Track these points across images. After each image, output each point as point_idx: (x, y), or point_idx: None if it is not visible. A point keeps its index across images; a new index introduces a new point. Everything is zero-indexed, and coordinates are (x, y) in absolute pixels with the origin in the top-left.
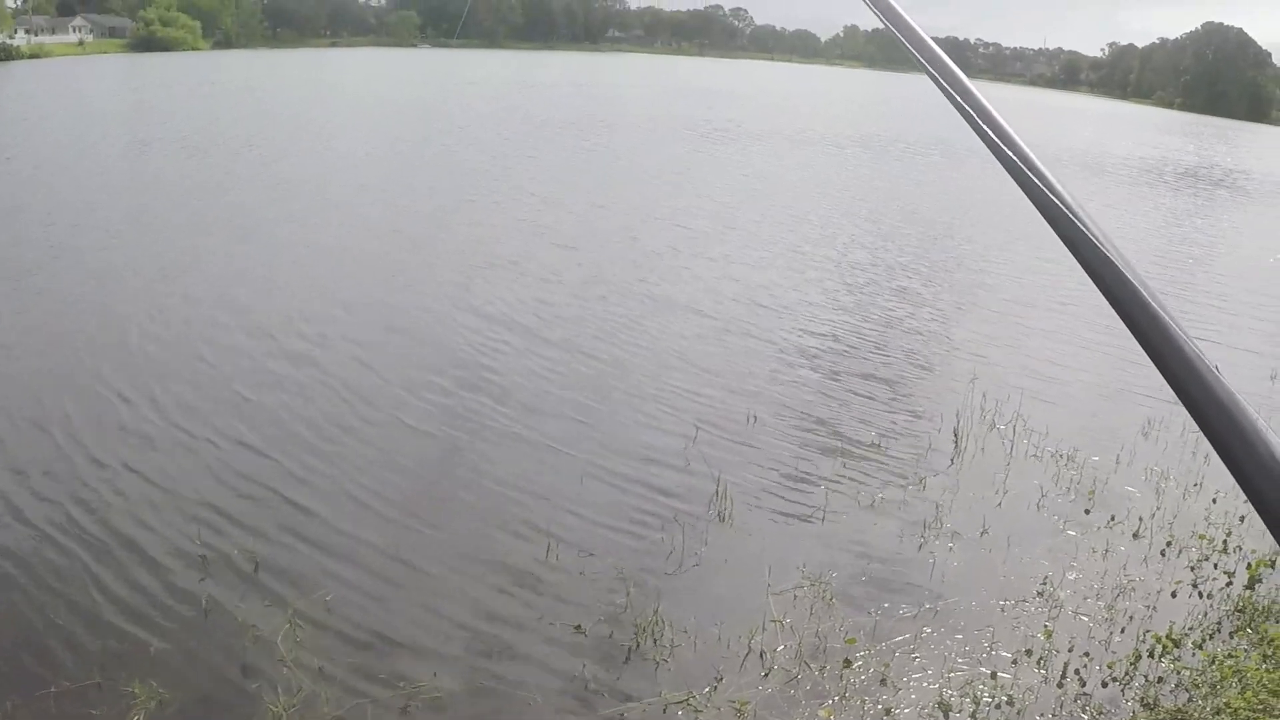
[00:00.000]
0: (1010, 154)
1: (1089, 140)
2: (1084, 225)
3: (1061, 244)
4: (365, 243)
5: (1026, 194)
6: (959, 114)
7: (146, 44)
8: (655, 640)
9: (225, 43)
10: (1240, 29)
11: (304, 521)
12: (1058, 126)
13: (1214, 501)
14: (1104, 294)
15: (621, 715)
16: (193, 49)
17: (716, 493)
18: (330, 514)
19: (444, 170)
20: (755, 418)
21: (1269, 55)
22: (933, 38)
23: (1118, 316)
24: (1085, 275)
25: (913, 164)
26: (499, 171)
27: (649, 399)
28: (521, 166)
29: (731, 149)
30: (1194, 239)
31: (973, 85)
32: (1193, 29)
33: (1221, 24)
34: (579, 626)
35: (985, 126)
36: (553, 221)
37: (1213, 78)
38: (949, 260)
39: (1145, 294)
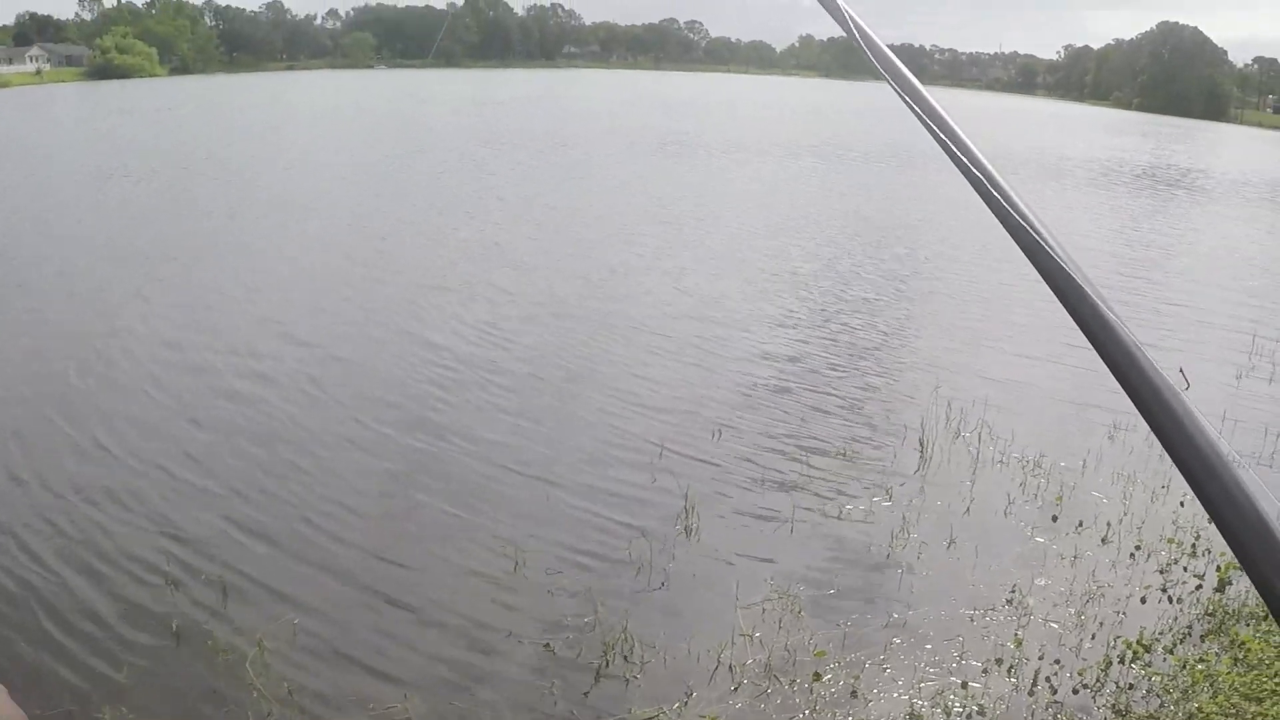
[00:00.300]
0: (967, 161)
1: (1047, 143)
2: (1038, 232)
3: (1020, 251)
4: (323, 262)
5: (983, 199)
6: (918, 121)
7: (103, 71)
8: (624, 657)
9: (182, 69)
10: (1196, 28)
11: (270, 547)
12: (1015, 129)
13: (1182, 505)
14: (1059, 299)
15: None
16: (150, 75)
17: (684, 508)
18: (296, 540)
19: (397, 192)
20: (720, 432)
21: (1225, 53)
22: (889, 44)
23: (1072, 319)
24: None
25: (869, 171)
26: (452, 190)
27: (613, 416)
28: (475, 184)
29: (686, 163)
30: (1152, 241)
31: (928, 93)
32: (1149, 29)
33: (1177, 23)
34: (548, 645)
35: (943, 134)
36: (508, 239)
37: (1170, 77)
38: (907, 269)
39: (1098, 301)
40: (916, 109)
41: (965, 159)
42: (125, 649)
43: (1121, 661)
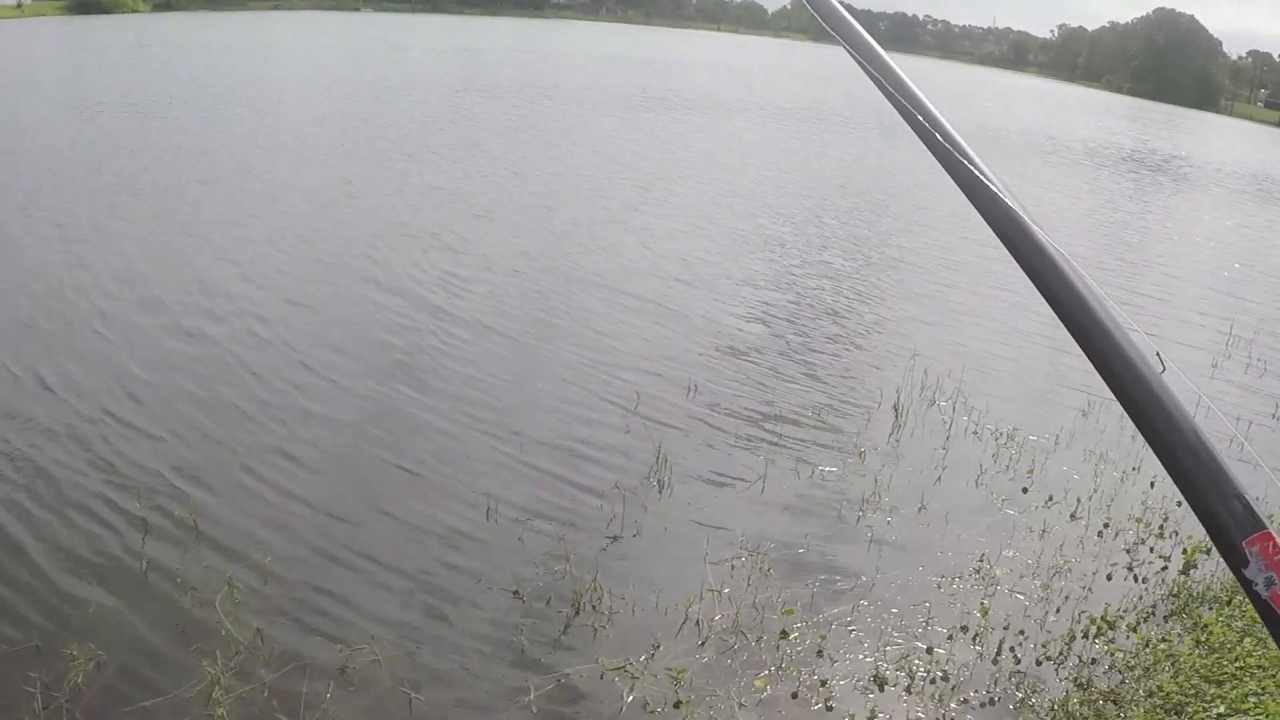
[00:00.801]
0: (922, 120)
1: (1037, 122)
2: (998, 192)
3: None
4: (286, 203)
5: (939, 160)
6: (875, 86)
7: (86, 6)
8: (594, 607)
9: (165, 5)
10: (1192, 16)
11: (243, 485)
12: (1004, 107)
13: (1152, 486)
14: (1020, 264)
15: (558, 680)
16: (133, 11)
17: (656, 462)
18: (268, 478)
19: (369, 135)
20: (695, 389)
21: (1220, 44)
22: (882, 12)
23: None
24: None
25: (849, 136)
26: (424, 137)
27: (587, 369)
28: (450, 132)
29: (665, 118)
30: (1134, 224)
31: (890, 58)
32: (1144, 14)
33: (1173, 10)
34: (517, 592)
35: (901, 98)
36: (476, 188)
37: (1162, 64)
38: (882, 235)
39: (1062, 263)
40: (875, 73)
41: (917, 114)
42: (93, 587)
43: (1085, 636)
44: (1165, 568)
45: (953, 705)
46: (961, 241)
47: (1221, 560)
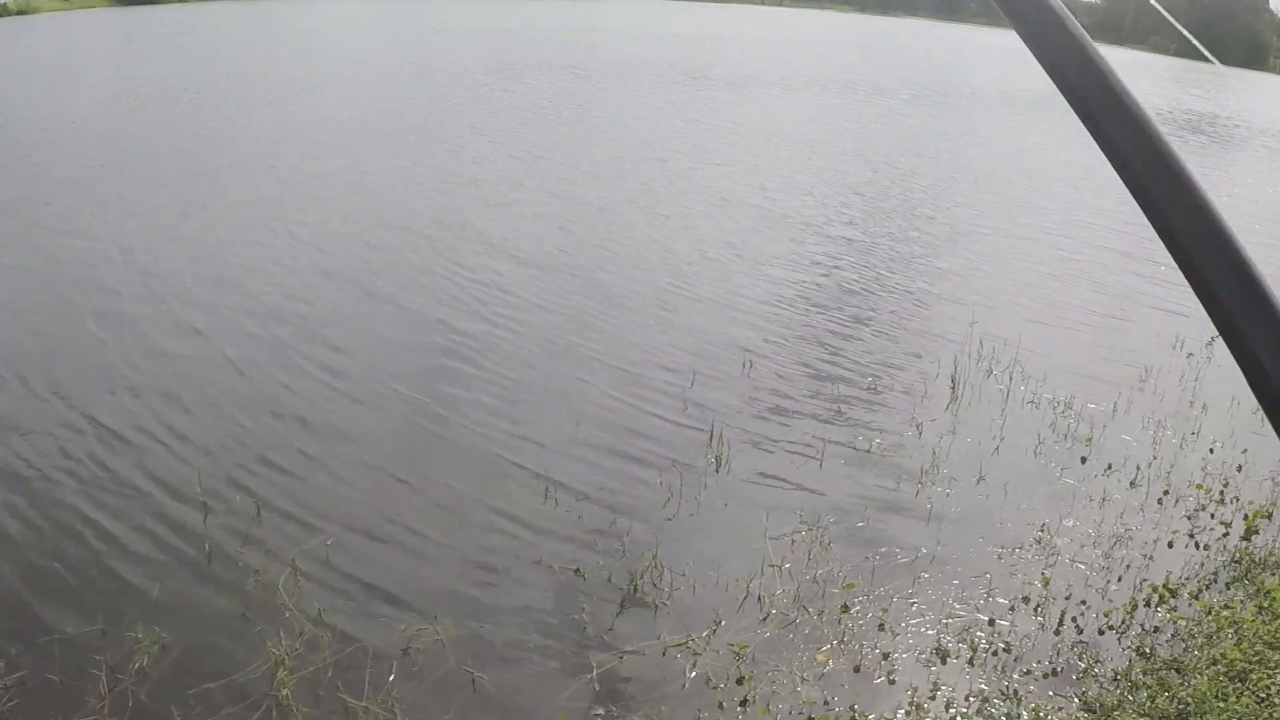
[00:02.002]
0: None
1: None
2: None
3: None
4: (345, 193)
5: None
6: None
7: None
8: (654, 584)
9: None
10: None
11: (304, 469)
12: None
13: (1211, 452)
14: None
15: (620, 658)
16: (181, 2)
17: (713, 437)
18: (329, 461)
19: (399, 121)
20: (750, 363)
21: (1265, 1)
22: None
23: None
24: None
25: (907, 105)
26: (463, 118)
27: (641, 347)
28: (490, 111)
29: (727, 94)
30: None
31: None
32: None
33: None
34: (577, 570)
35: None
36: (525, 169)
37: (1209, 23)
38: (946, 203)
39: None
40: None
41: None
42: (157, 568)
43: (1147, 605)
44: (1226, 534)
45: (1015, 676)
46: (1018, 210)
47: None
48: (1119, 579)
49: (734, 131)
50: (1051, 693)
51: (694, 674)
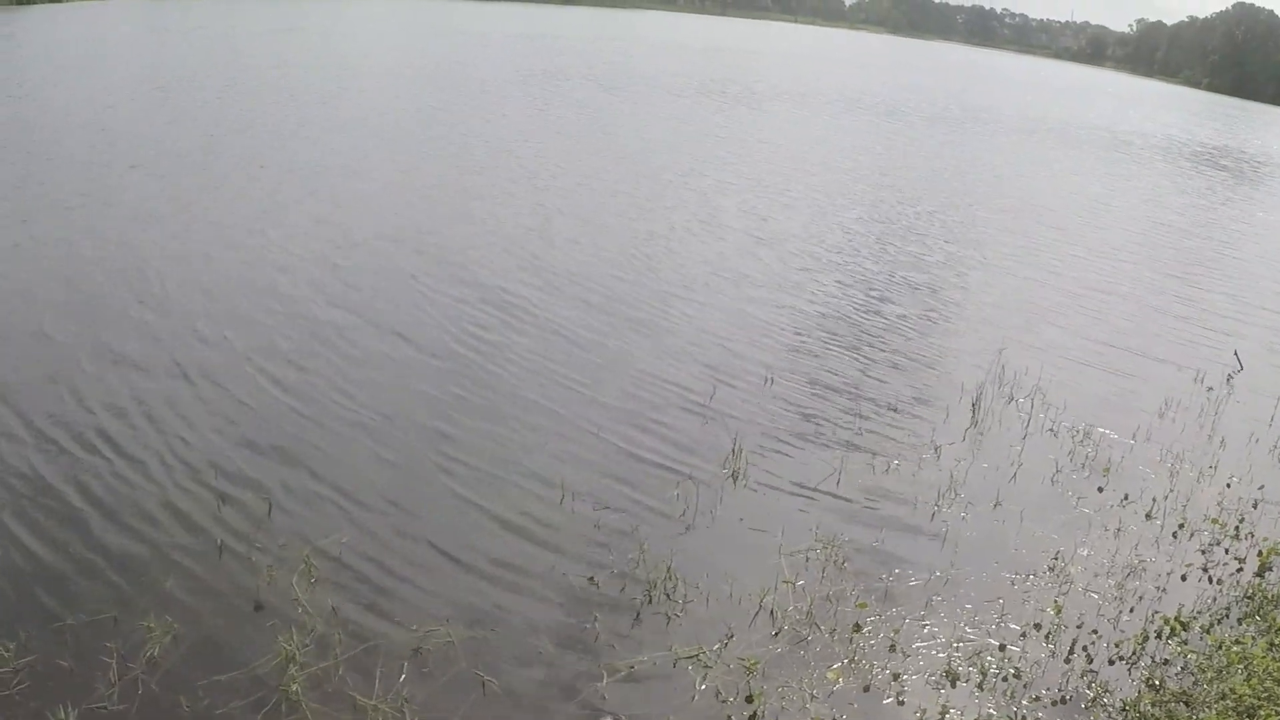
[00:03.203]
0: None
1: (1154, 123)
2: None
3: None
4: (377, 195)
5: None
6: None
7: None
8: (667, 595)
9: None
10: (1272, 11)
11: (319, 466)
12: (1096, 105)
13: (1228, 486)
14: None
15: (631, 667)
16: None
17: (732, 451)
18: (345, 460)
19: (426, 126)
20: (772, 379)
21: None
22: (960, 5)
23: None
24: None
25: (925, 131)
26: (492, 130)
27: (664, 358)
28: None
29: (745, 111)
30: (1210, 221)
31: None
32: (1223, 8)
33: (1253, 4)
34: (592, 579)
35: None
36: (550, 185)
37: (1241, 59)
38: (973, 228)
39: None
40: None
41: None
42: (171, 560)
43: (1159, 637)
44: (1240, 569)
45: (1024, 703)
46: (1047, 241)
47: None
48: (1131, 610)
49: (769, 151)
50: None
51: (704, 687)
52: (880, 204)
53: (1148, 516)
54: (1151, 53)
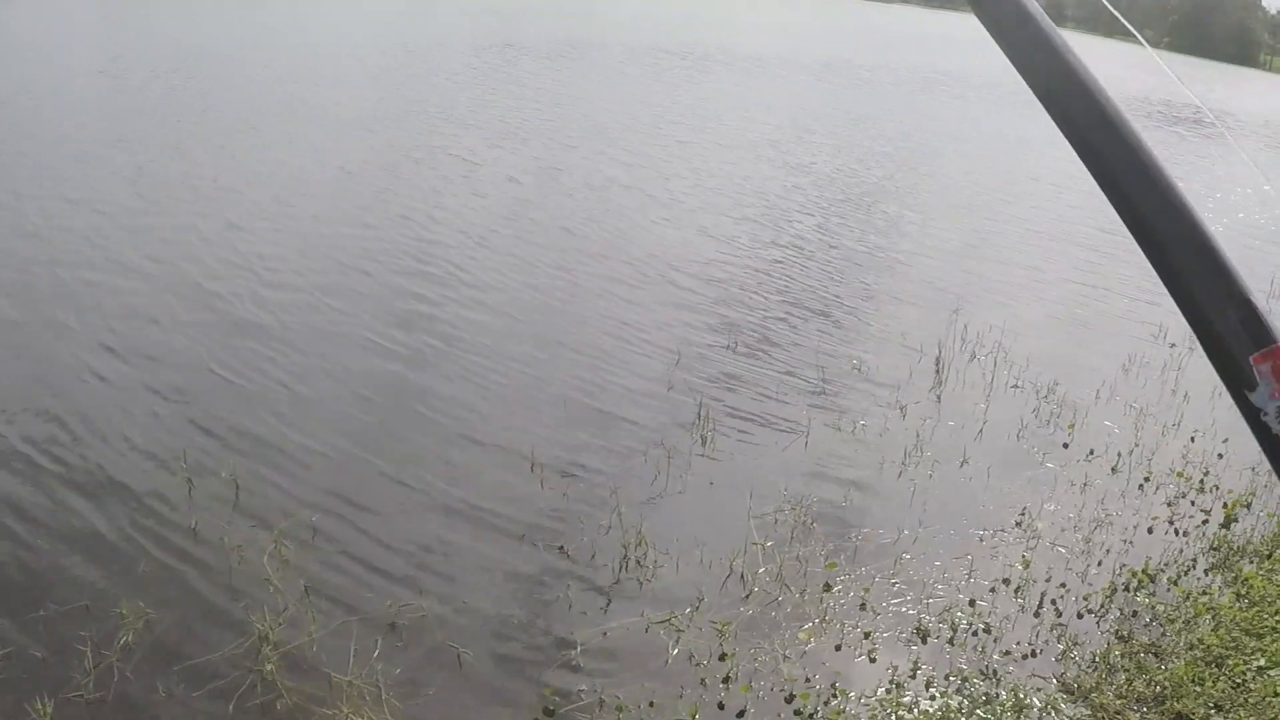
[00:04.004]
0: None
1: (1114, 83)
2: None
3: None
4: (334, 167)
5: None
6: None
7: None
8: (639, 562)
9: None
10: None
11: (286, 446)
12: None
13: (1192, 440)
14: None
15: (605, 634)
16: None
17: (699, 417)
18: (314, 437)
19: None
20: (736, 343)
21: None
22: None
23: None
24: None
25: (894, 94)
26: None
27: (627, 326)
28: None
29: (721, 76)
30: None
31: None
32: None
33: None
34: (563, 548)
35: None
36: (504, 156)
37: (1201, 18)
38: (933, 189)
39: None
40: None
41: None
42: (141, 545)
43: (1126, 589)
44: (1206, 521)
45: (995, 657)
46: (1004, 197)
47: (1261, 514)
48: (1099, 563)
49: (732, 111)
50: (1030, 673)
51: (677, 651)
52: (843, 168)
53: (1113, 471)
54: (1109, 12)
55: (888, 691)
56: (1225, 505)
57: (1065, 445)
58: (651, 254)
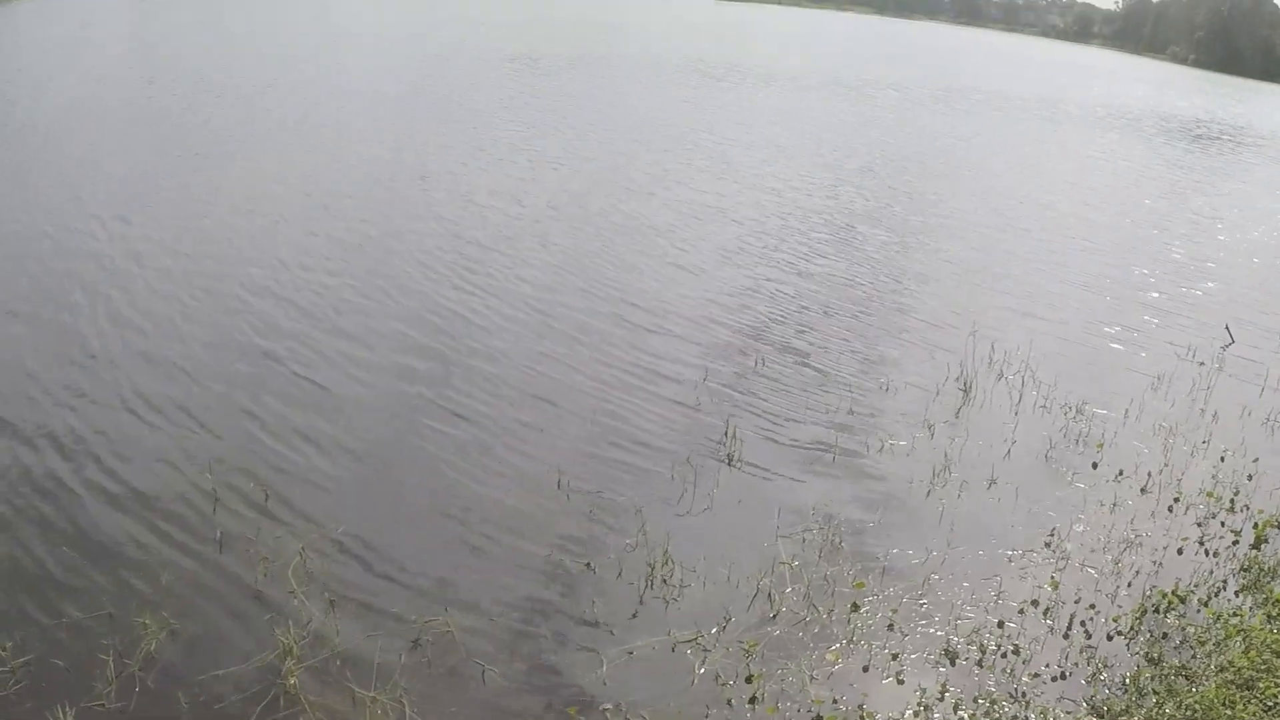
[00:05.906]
0: None
1: (1137, 99)
2: None
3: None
4: (360, 185)
5: None
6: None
7: None
8: (665, 580)
9: None
10: None
11: (316, 460)
12: (1090, 83)
13: (1222, 460)
14: None
15: (630, 652)
16: None
17: (726, 436)
18: (342, 453)
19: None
20: (762, 361)
21: None
22: None
23: None
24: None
25: (918, 110)
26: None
27: (655, 342)
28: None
29: (732, 90)
30: (1194, 197)
31: None
32: None
33: None
34: (589, 565)
35: None
36: (536, 173)
37: (1227, 35)
38: (955, 209)
39: None
40: None
41: None
42: (166, 555)
43: (1156, 611)
44: (1236, 542)
45: (1024, 679)
46: (1036, 218)
47: None
48: (1128, 585)
49: (740, 127)
50: (1060, 696)
51: (703, 670)
52: (868, 188)
53: (1142, 491)
54: (1138, 29)
55: (915, 714)
56: (1256, 526)
57: (1094, 465)
58: (676, 276)
